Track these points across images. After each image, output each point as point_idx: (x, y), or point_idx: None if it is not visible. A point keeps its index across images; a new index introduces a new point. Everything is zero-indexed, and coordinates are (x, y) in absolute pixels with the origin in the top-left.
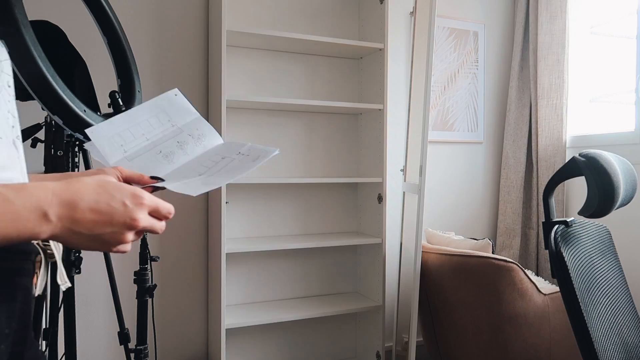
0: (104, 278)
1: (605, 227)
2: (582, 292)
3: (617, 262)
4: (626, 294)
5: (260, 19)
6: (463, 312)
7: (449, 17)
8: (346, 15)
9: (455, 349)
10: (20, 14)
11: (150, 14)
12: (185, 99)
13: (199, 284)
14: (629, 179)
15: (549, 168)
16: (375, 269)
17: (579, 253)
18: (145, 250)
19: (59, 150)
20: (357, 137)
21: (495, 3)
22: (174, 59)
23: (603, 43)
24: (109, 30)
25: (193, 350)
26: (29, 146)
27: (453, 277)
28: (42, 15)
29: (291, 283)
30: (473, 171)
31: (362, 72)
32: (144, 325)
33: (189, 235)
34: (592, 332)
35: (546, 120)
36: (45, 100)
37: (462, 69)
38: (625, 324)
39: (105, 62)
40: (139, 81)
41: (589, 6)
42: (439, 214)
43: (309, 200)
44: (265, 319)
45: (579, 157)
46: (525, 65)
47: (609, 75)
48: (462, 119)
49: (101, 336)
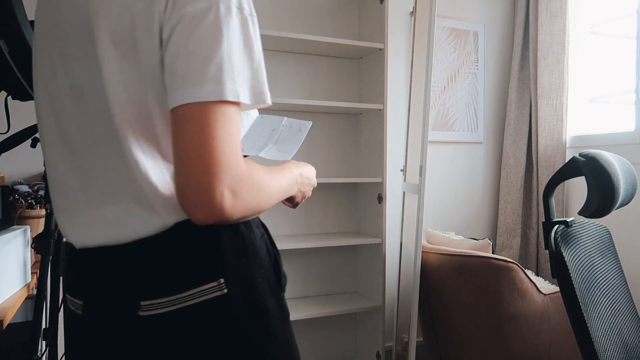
0: None
1: (605, 227)
2: (582, 292)
3: (617, 262)
4: (626, 294)
5: (261, 19)
6: (463, 312)
7: (449, 17)
8: (346, 15)
9: (455, 349)
10: (20, 13)
11: None
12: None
13: None
14: (629, 179)
15: (549, 168)
16: (375, 269)
17: (579, 253)
18: None
19: None
20: (357, 137)
21: (495, 3)
22: None
23: (603, 43)
24: None
25: None
26: (29, 146)
27: (453, 277)
28: None
29: (291, 283)
30: (473, 171)
31: (362, 72)
32: None
33: None
34: (592, 332)
35: (546, 120)
36: None
37: (462, 69)
38: (625, 324)
39: None
40: None
41: (589, 6)
42: (439, 214)
43: (309, 200)
44: None
45: (579, 157)
46: (525, 65)
47: (609, 75)
48: (462, 119)
49: None
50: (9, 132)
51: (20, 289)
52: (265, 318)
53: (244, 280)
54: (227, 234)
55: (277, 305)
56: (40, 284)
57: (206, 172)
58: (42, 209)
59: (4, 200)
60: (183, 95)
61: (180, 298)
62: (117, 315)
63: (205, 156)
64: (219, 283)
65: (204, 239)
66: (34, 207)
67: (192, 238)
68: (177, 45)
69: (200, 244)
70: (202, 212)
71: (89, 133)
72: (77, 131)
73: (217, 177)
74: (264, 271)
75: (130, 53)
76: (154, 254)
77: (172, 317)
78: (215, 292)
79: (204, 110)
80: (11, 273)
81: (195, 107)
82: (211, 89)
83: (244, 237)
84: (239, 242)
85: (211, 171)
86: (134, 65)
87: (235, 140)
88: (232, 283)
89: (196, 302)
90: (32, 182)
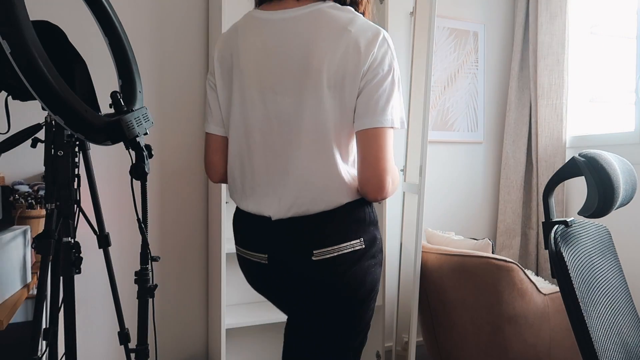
0: (104, 278)
1: (605, 227)
2: (582, 292)
3: (617, 262)
4: (626, 294)
5: None
6: (463, 312)
7: (449, 17)
8: None
9: (455, 349)
10: (21, 14)
11: (150, 14)
12: None
13: (199, 284)
14: (629, 179)
15: (549, 168)
16: None
17: (579, 253)
18: (146, 250)
19: (59, 150)
20: None
21: (495, 3)
22: (174, 59)
23: (603, 43)
24: (110, 30)
25: (193, 350)
26: (29, 146)
27: (453, 277)
28: (42, 15)
29: None
30: (473, 171)
31: None
32: (144, 325)
33: (189, 235)
34: (592, 332)
35: (546, 120)
36: (47, 101)
37: (462, 69)
38: (625, 324)
39: (106, 62)
40: (140, 82)
41: (589, 6)
42: (439, 214)
43: None
44: (265, 319)
45: (578, 157)
46: (525, 66)
47: (609, 75)
48: (462, 119)
49: (101, 336)
50: (9, 132)
51: (20, 289)
52: (376, 260)
53: (370, 240)
54: (367, 213)
55: (380, 254)
56: (40, 284)
57: (382, 170)
58: (42, 209)
59: (4, 200)
60: (371, 122)
61: (339, 247)
62: (297, 260)
63: (382, 161)
64: (360, 241)
65: (357, 215)
66: (34, 207)
67: (351, 213)
68: (371, 91)
69: (357, 212)
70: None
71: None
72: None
73: (387, 173)
74: (379, 234)
75: (337, 95)
76: (326, 222)
77: (332, 259)
78: (358, 246)
79: (382, 132)
80: (11, 273)
81: (377, 130)
82: (388, 119)
83: (373, 214)
84: (371, 216)
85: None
86: (339, 102)
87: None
88: (365, 241)
89: (348, 251)
90: (32, 182)
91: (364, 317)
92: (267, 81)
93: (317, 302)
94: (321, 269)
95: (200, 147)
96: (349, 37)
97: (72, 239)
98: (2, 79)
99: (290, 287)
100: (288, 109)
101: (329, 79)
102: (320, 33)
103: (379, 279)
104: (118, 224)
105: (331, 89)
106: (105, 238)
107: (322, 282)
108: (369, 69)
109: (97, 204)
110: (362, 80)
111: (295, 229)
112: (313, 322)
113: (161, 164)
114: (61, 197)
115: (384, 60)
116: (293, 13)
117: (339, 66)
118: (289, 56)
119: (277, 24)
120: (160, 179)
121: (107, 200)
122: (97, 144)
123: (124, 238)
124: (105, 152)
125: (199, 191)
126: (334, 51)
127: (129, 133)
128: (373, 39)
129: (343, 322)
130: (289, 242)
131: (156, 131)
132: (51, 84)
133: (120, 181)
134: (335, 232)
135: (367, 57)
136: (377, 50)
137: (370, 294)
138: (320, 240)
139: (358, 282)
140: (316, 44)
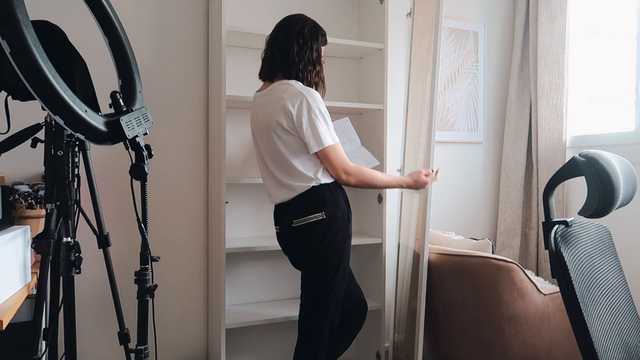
0: (104, 278)
1: (605, 227)
2: (582, 292)
3: (617, 262)
4: (626, 294)
5: (261, 20)
6: (463, 312)
7: (449, 17)
8: (346, 15)
9: (455, 349)
10: (21, 14)
11: (150, 14)
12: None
13: (199, 284)
14: (629, 179)
15: (549, 168)
16: (375, 269)
17: (579, 253)
18: (146, 251)
19: (59, 150)
20: None
21: (495, 3)
22: (174, 59)
23: (603, 43)
24: (110, 30)
25: (193, 350)
26: (29, 146)
27: (453, 277)
28: (42, 15)
29: (291, 283)
30: (473, 171)
31: (362, 72)
32: (144, 325)
33: (189, 235)
34: (592, 332)
35: (546, 120)
36: (47, 101)
37: (462, 69)
38: (625, 324)
39: (106, 62)
40: (140, 81)
41: (589, 6)
42: (439, 214)
43: None
44: (265, 319)
45: (579, 157)
46: (525, 65)
47: (609, 75)
48: (462, 119)
49: (101, 336)
50: (9, 132)
51: (20, 289)
52: (334, 228)
53: (330, 213)
54: (327, 194)
55: (344, 226)
56: (40, 284)
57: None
58: (42, 209)
59: (4, 200)
60: (313, 148)
61: (307, 218)
62: (286, 227)
63: (331, 165)
64: (322, 214)
65: (319, 195)
66: (34, 207)
67: (314, 195)
68: (304, 130)
69: (317, 197)
70: (340, 181)
71: (275, 161)
72: (270, 160)
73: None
74: (341, 212)
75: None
76: (299, 202)
77: (303, 227)
78: (320, 217)
79: (324, 151)
80: (11, 273)
81: (321, 151)
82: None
83: (333, 196)
84: (332, 197)
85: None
86: (292, 137)
87: (343, 156)
88: (326, 214)
89: (313, 220)
90: (32, 182)
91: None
92: (257, 133)
93: (299, 251)
94: (296, 233)
95: (200, 147)
96: (283, 103)
97: (72, 239)
98: (2, 79)
99: (287, 244)
100: (267, 147)
101: (278, 128)
102: (271, 103)
103: (338, 241)
104: (118, 224)
105: (282, 132)
106: (105, 238)
107: (299, 239)
108: (296, 119)
109: (97, 204)
110: (295, 125)
111: (282, 208)
112: (304, 265)
113: (161, 164)
114: (61, 197)
115: (302, 111)
116: (264, 92)
117: (286, 124)
118: (260, 119)
119: (258, 100)
120: (160, 179)
121: (107, 200)
122: (97, 144)
123: (124, 238)
124: (105, 152)
125: (199, 191)
126: (277, 113)
127: (129, 133)
128: (296, 101)
129: (313, 265)
130: (282, 217)
131: (156, 131)
132: (51, 84)
133: (120, 181)
134: (305, 208)
135: (294, 113)
136: (297, 107)
137: (328, 247)
138: (296, 214)
139: (320, 238)
140: (269, 109)
